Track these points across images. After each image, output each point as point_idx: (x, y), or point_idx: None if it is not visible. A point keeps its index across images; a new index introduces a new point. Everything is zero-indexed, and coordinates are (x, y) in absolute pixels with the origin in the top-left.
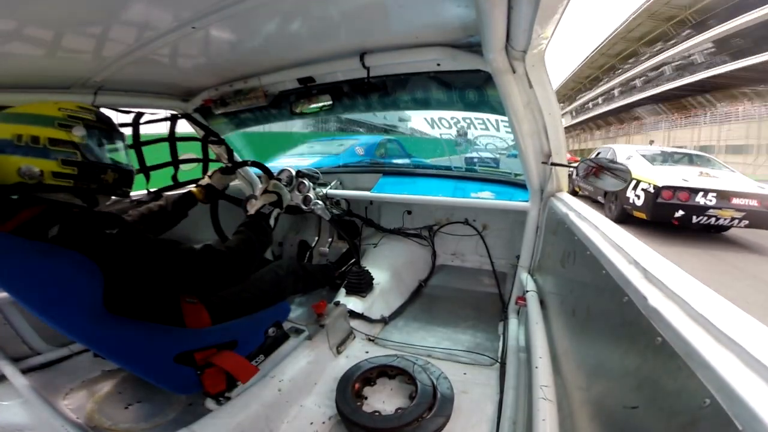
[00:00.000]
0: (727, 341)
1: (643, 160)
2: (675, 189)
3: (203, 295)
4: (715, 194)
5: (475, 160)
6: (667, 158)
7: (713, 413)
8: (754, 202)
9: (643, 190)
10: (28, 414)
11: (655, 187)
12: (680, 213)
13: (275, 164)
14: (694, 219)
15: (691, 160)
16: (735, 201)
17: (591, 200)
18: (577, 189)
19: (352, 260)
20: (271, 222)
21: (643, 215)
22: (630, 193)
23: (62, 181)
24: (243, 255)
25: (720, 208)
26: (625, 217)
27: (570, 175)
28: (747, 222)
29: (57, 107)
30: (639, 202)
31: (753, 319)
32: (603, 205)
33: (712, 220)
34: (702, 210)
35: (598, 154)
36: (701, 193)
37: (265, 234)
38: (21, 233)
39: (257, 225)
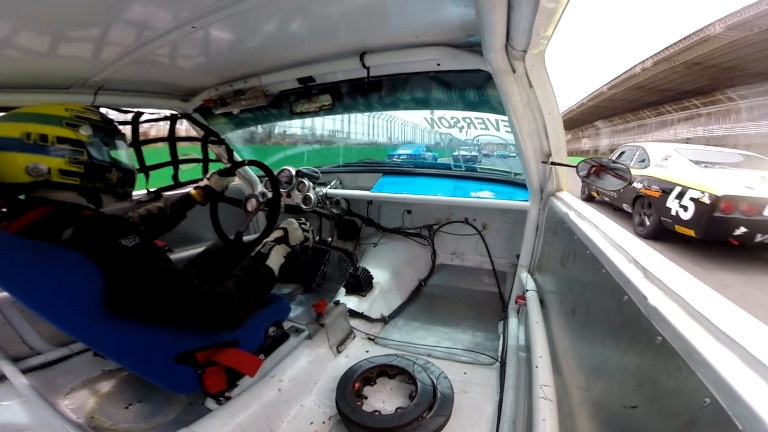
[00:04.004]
0: (727, 340)
1: (687, 161)
2: (737, 200)
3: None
4: None
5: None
6: (714, 158)
7: (713, 413)
8: None
9: (692, 200)
10: (28, 414)
11: (711, 196)
12: (742, 230)
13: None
14: (759, 237)
15: (741, 162)
16: None
17: (613, 208)
18: (594, 194)
19: (327, 257)
20: (273, 255)
21: (690, 232)
22: (672, 203)
23: (69, 179)
24: (237, 306)
25: None
26: (661, 232)
27: (581, 175)
28: None
29: (64, 108)
30: (686, 215)
31: (753, 319)
32: (630, 216)
33: None
34: None
35: (622, 154)
36: None
37: (262, 280)
38: (30, 233)
39: (254, 271)
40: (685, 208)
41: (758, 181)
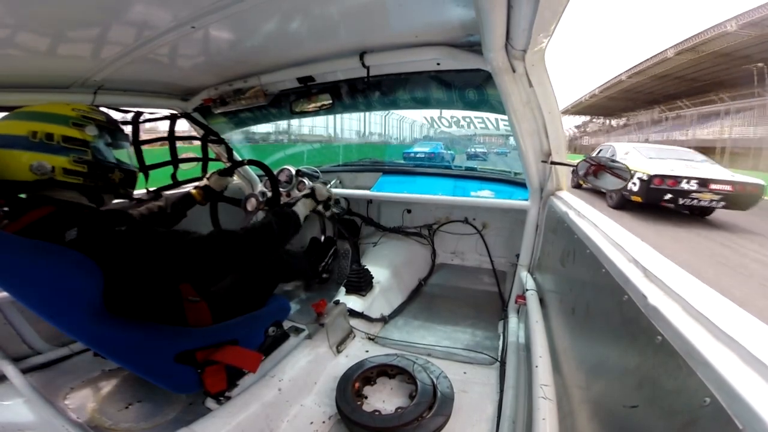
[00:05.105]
0: (727, 340)
1: (640, 155)
2: (664, 177)
3: (211, 280)
4: (696, 181)
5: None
6: (659, 153)
7: (713, 412)
8: (728, 187)
9: (638, 178)
10: (29, 413)
11: (648, 175)
12: (669, 196)
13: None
14: (680, 201)
15: (678, 155)
16: (713, 186)
17: (593, 191)
18: (581, 182)
19: (332, 251)
20: (300, 205)
21: (639, 199)
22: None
23: (72, 178)
24: (256, 235)
25: (701, 192)
26: (624, 203)
27: (574, 170)
28: (723, 203)
29: (71, 107)
30: (635, 189)
31: (753, 318)
32: (605, 194)
33: (695, 201)
34: (686, 193)
35: (600, 151)
36: (685, 180)
37: (287, 219)
38: (31, 233)
39: (280, 212)
40: (635, 184)
41: (683, 167)
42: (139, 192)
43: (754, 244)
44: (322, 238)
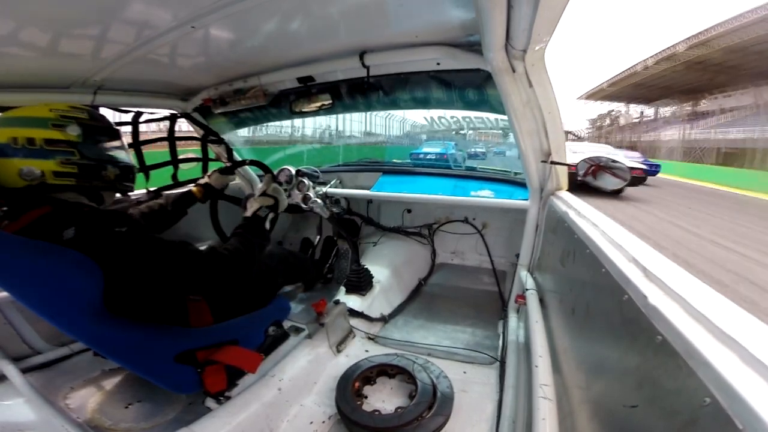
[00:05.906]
0: (728, 340)
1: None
2: None
3: (205, 293)
4: None
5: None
6: (596, 153)
7: (713, 412)
8: None
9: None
10: (28, 413)
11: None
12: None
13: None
14: None
15: (606, 151)
16: None
17: None
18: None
19: (334, 252)
20: (267, 225)
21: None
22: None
23: (65, 180)
24: (243, 256)
25: None
26: (575, 186)
27: (574, 170)
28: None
29: (48, 108)
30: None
31: (753, 318)
32: None
33: None
34: None
35: None
36: None
37: (263, 236)
38: (30, 232)
39: (255, 227)
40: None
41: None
42: (139, 192)
43: (627, 201)
44: (317, 239)
